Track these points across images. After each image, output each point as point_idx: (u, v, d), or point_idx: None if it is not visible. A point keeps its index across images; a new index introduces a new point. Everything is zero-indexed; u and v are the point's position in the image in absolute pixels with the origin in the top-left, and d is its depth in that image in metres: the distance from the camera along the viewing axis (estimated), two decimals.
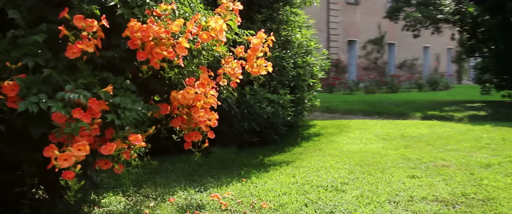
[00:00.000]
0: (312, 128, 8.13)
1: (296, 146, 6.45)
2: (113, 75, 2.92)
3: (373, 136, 7.10)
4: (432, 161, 5.25)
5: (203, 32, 3.06)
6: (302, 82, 7.16)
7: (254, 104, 6.01)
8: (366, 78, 20.88)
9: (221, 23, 3.12)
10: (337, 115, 11.48)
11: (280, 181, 4.37)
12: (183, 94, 2.86)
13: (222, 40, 3.19)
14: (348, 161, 5.25)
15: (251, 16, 6.26)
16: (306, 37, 7.41)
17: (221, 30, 3.12)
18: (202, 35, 3.05)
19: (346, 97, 14.92)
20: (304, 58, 7.40)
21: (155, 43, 2.78)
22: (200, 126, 3.02)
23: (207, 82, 3.03)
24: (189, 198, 3.79)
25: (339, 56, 21.70)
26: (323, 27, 20.90)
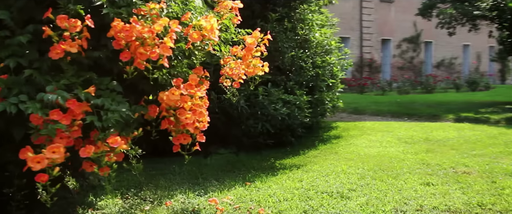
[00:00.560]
0: (333, 130, 7.90)
1: (312, 148, 6.25)
2: (101, 76, 2.87)
3: (395, 139, 6.80)
4: (453, 167, 4.94)
5: (194, 32, 2.96)
6: (321, 83, 6.95)
7: (268, 105, 5.86)
8: (400, 78, 20.26)
9: (212, 22, 3.01)
10: (365, 116, 11.14)
11: (285, 186, 4.22)
12: (167, 95, 2.77)
13: (214, 39, 3.08)
14: (361, 166, 5.03)
15: (265, 15, 6.12)
16: (326, 36, 7.18)
17: (212, 30, 3.01)
18: (193, 35, 2.96)
19: (377, 98, 14.49)
20: (323, 57, 7.18)
21: (140, 43, 2.70)
22: (188, 128, 2.91)
23: (195, 83, 2.92)
24: (187, 202, 3.70)
25: (372, 55, 21.17)
26: (355, 26, 20.46)
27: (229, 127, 5.90)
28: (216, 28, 3.08)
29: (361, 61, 20.83)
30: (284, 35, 6.16)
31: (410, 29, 22.14)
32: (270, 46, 6.05)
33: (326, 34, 7.22)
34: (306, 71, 6.84)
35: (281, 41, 6.08)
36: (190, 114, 2.90)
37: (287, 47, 6.18)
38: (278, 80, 6.40)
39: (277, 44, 6.05)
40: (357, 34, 20.56)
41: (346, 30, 20.04)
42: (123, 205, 3.63)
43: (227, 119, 5.85)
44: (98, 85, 2.80)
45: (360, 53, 20.78)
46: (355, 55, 20.68)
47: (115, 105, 2.74)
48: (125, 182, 4.26)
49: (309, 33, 6.85)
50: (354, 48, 20.65)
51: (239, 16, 3.76)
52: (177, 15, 3.02)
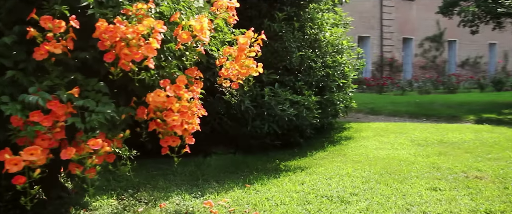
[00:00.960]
0: (345, 131, 7.73)
1: (321, 150, 6.12)
2: (90, 77, 2.83)
3: (408, 140, 6.59)
4: (464, 171, 4.74)
5: (183, 32, 2.90)
6: (331, 83, 6.80)
7: (274, 105, 5.75)
8: (422, 78, 19.80)
9: (202, 23, 2.93)
10: (381, 116, 10.89)
11: (285, 189, 4.11)
12: (153, 97, 2.71)
13: (204, 40, 3.02)
14: (368, 169, 4.87)
15: (272, 15, 6.01)
16: (337, 35, 7.02)
17: (202, 30, 2.94)
18: (182, 35, 2.89)
19: (395, 98, 14.16)
20: (334, 57, 7.03)
21: (125, 44, 2.65)
22: (175, 130, 2.84)
23: (183, 84, 2.85)
24: (182, 204, 3.65)
25: (393, 54, 20.77)
26: (376, 25, 20.11)
27: (235, 127, 5.82)
28: (206, 29, 3.00)
29: (382, 61, 20.46)
30: (292, 34, 6.04)
31: (433, 28, 21.62)
32: (277, 46, 6.00)
33: (338, 33, 7.05)
34: (316, 71, 6.70)
35: (288, 40, 5.96)
36: (178, 115, 2.83)
37: (294, 47, 6.05)
38: (286, 80, 6.29)
39: (284, 44, 5.94)
40: (377, 33, 20.19)
41: (366, 29, 19.73)
42: (117, 206, 3.60)
43: (233, 120, 5.78)
44: (84, 86, 2.77)
45: (381, 53, 20.41)
46: (375, 55, 20.36)
47: (101, 106, 2.70)
48: (124, 183, 4.23)
49: (319, 33, 6.71)
50: (374, 47, 20.32)
51: (235, 16, 3.67)
52: (166, 15, 2.96)
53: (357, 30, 19.56)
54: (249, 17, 6.06)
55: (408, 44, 21.48)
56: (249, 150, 6.02)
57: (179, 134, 2.91)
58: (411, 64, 21.59)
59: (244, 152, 5.95)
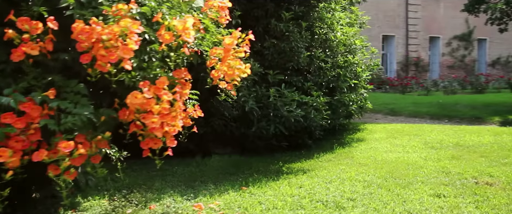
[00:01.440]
0: (359, 132, 7.53)
1: (329, 152, 5.96)
2: (71, 78, 2.81)
3: (421, 143, 6.35)
4: (475, 177, 4.50)
5: (165, 33, 2.83)
6: (342, 84, 6.62)
7: (280, 106, 5.63)
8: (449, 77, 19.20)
9: (185, 23, 2.86)
10: (401, 117, 10.60)
11: (281, 192, 4.00)
12: (130, 98, 2.66)
13: (188, 40, 2.93)
14: (373, 172, 4.70)
15: (279, 14, 5.89)
16: (349, 35, 6.83)
17: (185, 30, 2.87)
18: (164, 36, 2.83)
19: (418, 98, 13.75)
20: (346, 57, 6.85)
21: (103, 45, 2.61)
22: (155, 132, 2.78)
23: (163, 86, 2.79)
24: (172, 206, 3.60)
25: (419, 54, 20.24)
26: (401, 24, 19.65)
27: (240, 128, 5.74)
28: (190, 29, 2.93)
29: (407, 60, 19.97)
30: (299, 34, 5.91)
31: (462, 26, 20.94)
32: (284, 46, 5.88)
33: (350, 32, 6.85)
34: (326, 72, 6.55)
35: (295, 40, 5.83)
36: (157, 118, 2.76)
37: (302, 47, 5.91)
38: (294, 81, 6.16)
39: (291, 44, 5.81)
40: (403, 32, 19.72)
41: (391, 28, 19.32)
42: (107, 207, 3.58)
43: (237, 121, 5.70)
44: (63, 88, 2.75)
45: (406, 52, 19.93)
46: (400, 54, 19.90)
47: (79, 108, 2.67)
48: (119, 183, 4.22)
49: (329, 32, 6.54)
50: (400, 47, 19.86)
51: (227, 16, 3.59)
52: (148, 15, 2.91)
53: (381, 29, 19.22)
54: (256, 17, 5.97)
55: (435, 43, 20.90)
56: (255, 151, 5.93)
57: (159, 136, 2.84)
58: (438, 64, 20.99)
59: (250, 153, 5.87)
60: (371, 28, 19.03)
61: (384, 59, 20.05)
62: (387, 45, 19.99)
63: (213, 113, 5.66)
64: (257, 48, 5.97)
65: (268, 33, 5.97)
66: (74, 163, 2.65)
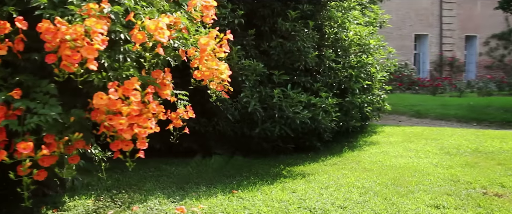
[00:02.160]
0: (374, 135, 7.26)
1: (336, 155, 5.76)
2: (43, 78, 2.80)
3: (437, 148, 6.03)
4: (485, 187, 4.21)
5: (138, 32, 2.77)
6: (354, 84, 6.38)
7: (285, 107, 5.46)
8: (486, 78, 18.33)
9: (157, 22, 2.79)
10: (426, 120, 10.19)
11: (271, 197, 3.86)
12: (95, 99, 2.61)
13: (161, 40, 2.85)
14: (375, 178, 4.48)
15: (286, 13, 5.71)
16: (362, 34, 6.57)
17: (157, 30, 2.79)
18: (137, 36, 2.76)
19: (448, 100, 13.18)
20: (359, 57, 6.60)
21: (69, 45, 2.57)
22: (122, 134, 2.72)
23: (131, 87, 2.72)
24: (155, 208, 3.54)
25: (454, 53, 19.45)
26: (435, 22, 18.94)
27: (243, 129, 5.63)
28: (164, 28, 2.85)
29: (441, 60, 19.23)
30: (306, 33, 5.71)
31: (501, 25, 19.89)
32: (289, 46, 5.71)
33: (363, 32, 6.59)
34: (337, 72, 6.33)
35: (301, 40, 5.64)
36: (125, 119, 2.70)
37: (309, 46, 5.72)
38: (302, 81, 5.98)
39: (297, 43, 5.63)
40: (437, 31, 19.01)
41: (423, 27, 18.68)
42: (90, 207, 3.57)
43: (241, 122, 5.58)
44: (33, 88, 2.74)
45: (440, 51, 19.20)
46: (434, 54, 19.20)
47: (47, 108, 2.65)
48: (111, 183, 4.22)
49: (341, 32, 6.31)
50: (433, 46, 19.16)
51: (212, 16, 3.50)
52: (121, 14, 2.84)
53: (413, 28, 18.61)
54: (262, 16, 5.83)
55: (472, 43, 20.02)
56: (260, 153, 5.80)
57: (128, 138, 2.77)
58: (475, 64, 20.10)
59: (255, 154, 5.75)
60: (403, 27, 18.53)
61: (416, 59, 19.41)
62: (419, 44, 19.33)
63: (215, 113, 5.57)
64: (264, 48, 5.83)
65: (275, 33, 5.82)
66: (42, 164, 2.63)
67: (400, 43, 18.58)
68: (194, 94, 5.28)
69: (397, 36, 18.50)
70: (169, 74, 3.30)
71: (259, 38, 5.87)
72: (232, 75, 5.44)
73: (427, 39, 19.02)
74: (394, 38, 18.48)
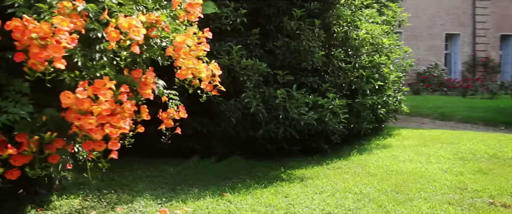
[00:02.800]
0: (389, 138, 6.99)
1: (343, 158, 5.55)
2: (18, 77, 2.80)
3: (451, 153, 5.72)
4: (493, 196, 3.93)
5: (112, 31, 2.72)
6: (365, 85, 6.14)
7: (289, 108, 5.30)
8: None
9: (131, 21, 2.73)
10: (450, 123, 9.77)
11: (261, 202, 3.74)
12: (62, 98, 2.57)
13: (136, 39, 2.79)
14: (376, 184, 4.28)
15: (292, 12, 5.55)
16: (374, 33, 6.32)
17: (131, 28, 2.73)
18: (111, 34, 2.72)
19: (477, 102, 12.61)
20: (371, 57, 6.36)
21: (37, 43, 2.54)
22: (92, 134, 2.67)
23: (101, 86, 2.66)
24: (138, 209, 3.49)
25: (488, 53, 18.63)
26: (467, 21, 18.21)
27: (247, 130, 5.52)
28: (137, 27, 2.79)
29: (474, 61, 18.46)
30: (311, 32, 5.54)
31: None
32: (294, 45, 5.55)
33: (375, 30, 6.35)
34: (348, 73, 6.11)
35: (306, 39, 5.47)
36: (94, 119, 2.65)
37: (315, 45, 5.54)
38: (309, 81, 5.81)
39: (302, 42, 5.46)
40: (469, 30, 18.27)
41: (454, 26, 18.02)
42: (74, 207, 3.55)
43: (243, 123, 5.48)
44: (6, 86, 2.74)
45: (473, 52, 18.44)
46: (466, 54, 18.47)
47: (18, 107, 2.65)
48: (106, 182, 4.21)
49: (351, 31, 6.10)
50: (465, 46, 18.43)
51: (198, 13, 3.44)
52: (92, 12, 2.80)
53: (444, 28, 17.97)
54: (268, 15, 5.70)
55: (508, 42, 19.13)
56: (264, 155, 5.68)
57: (98, 138, 2.72)
58: (511, 65, 19.19)
59: (258, 156, 5.63)
60: (433, 26, 17.91)
61: (447, 60, 18.73)
62: (451, 44, 18.64)
63: (217, 113, 5.50)
64: (269, 47, 5.70)
65: (281, 32, 5.67)
66: (14, 163, 2.63)
67: (430, 43, 17.99)
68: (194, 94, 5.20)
69: (426, 36, 17.93)
70: (152, 74, 3.24)
71: (265, 37, 5.75)
72: (234, 75, 5.42)
73: (459, 38, 18.32)
74: (423, 38, 17.92)
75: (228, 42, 5.32)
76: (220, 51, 5.20)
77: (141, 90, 3.24)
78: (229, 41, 5.34)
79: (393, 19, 7.91)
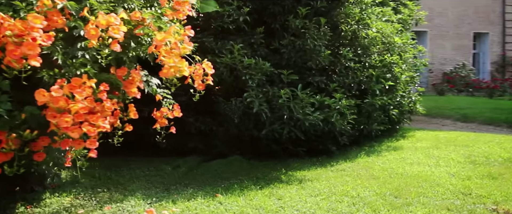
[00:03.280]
0: (402, 140, 6.77)
1: (349, 160, 5.40)
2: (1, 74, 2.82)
3: (464, 156, 5.48)
4: (496, 203, 3.73)
5: (91, 28, 2.72)
6: (375, 85, 5.97)
7: (293, 108, 5.19)
8: None
9: (109, 18, 2.71)
10: (472, 125, 9.41)
11: (251, 204, 3.66)
12: (36, 96, 2.57)
13: (115, 36, 2.78)
14: (376, 188, 4.13)
15: (297, 11, 5.44)
16: (386, 32, 6.14)
17: (108, 25, 2.72)
18: (90, 32, 2.71)
19: (503, 103, 12.09)
20: (382, 57, 6.17)
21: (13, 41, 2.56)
22: (67, 132, 2.66)
23: (78, 84, 2.65)
24: (126, 209, 3.48)
25: None
26: (496, 20, 17.56)
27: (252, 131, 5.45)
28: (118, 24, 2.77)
29: (504, 60, 17.76)
30: (317, 31, 5.41)
31: None
32: (299, 44, 5.44)
33: (387, 29, 6.16)
34: (357, 72, 5.96)
35: (311, 38, 5.35)
36: (70, 117, 2.64)
37: (320, 44, 5.41)
38: (316, 81, 5.69)
39: (307, 41, 5.35)
40: (499, 29, 17.59)
41: (483, 25, 17.41)
42: (64, 205, 3.57)
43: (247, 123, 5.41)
44: None
45: (503, 51, 17.75)
46: (495, 53, 17.81)
47: None
48: (102, 181, 4.23)
49: (360, 29, 5.94)
50: (495, 46, 17.78)
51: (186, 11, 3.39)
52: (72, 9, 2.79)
53: (472, 27, 17.40)
54: (273, 14, 5.61)
55: None
56: (269, 155, 5.60)
57: (75, 137, 2.71)
58: None
59: (263, 157, 5.56)
60: (460, 25, 17.35)
61: (475, 59, 18.10)
62: (479, 43, 18.00)
63: (220, 113, 5.45)
64: (275, 46, 5.61)
65: (286, 31, 5.58)
66: None
67: (457, 42, 17.44)
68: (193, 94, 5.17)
69: (453, 35, 17.39)
70: (138, 72, 3.23)
71: (271, 36, 5.66)
72: (236, 74, 5.35)
73: (487, 38, 17.68)
74: (450, 37, 17.39)
75: (231, 41, 5.26)
76: (222, 50, 5.15)
77: (126, 89, 3.23)
78: (233, 40, 5.28)
79: (409, 18, 7.68)
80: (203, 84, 3.48)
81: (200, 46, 5.17)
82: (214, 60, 5.11)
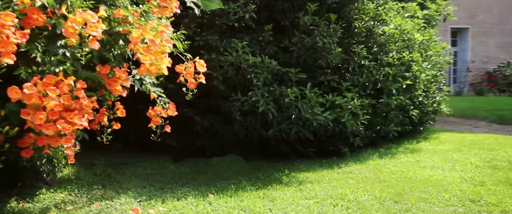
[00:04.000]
0: (423, 142, 6.45)
1: (359, 162, 5.19)
2: None
3: (484, 160, 5.14)
4: (505, 212, 3.46)
5: (69, 26, 2.73)
6: (392, 84, 5.71)
7: (302, 108, 5.04)
8: None
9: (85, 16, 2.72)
10: (509, 127, 8.82)
11: (241, 205, 3.57)
12: (9, 93, 2.61)
13: (93, 34, 2.78)
14: (377, 192, 3.93)
15: (307, 7, 5.28)
16: (405, 28, 5.85)
17: (84, 22, 2.72)
18: (68, 29, 2.73)
19: None
20: (400, 54, 5.90)
21: None
22: (42, 129, 2.68)
23: (51, 81, 2.67)
24: (114, 207, 3.48)
25: None
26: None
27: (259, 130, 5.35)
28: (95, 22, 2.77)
29: None
30: (327, 28, 5.23)
31: None
32: (307, 42, 5.28)
33: (406, 25, 5.87)
34: (372, 71, 5.72)
35: (320, 35, 5.17)
36: (43, 114, 2.66)
37: (330, 42, 5.22)
38: (327, 80, 5.52)
39: (315, 38, 5.18)
40: None
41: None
42: (56, 201, 3.63)
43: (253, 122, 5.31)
44: None
45: None
46: None
47: None
48: (101, 178, 4.27)
49: (375, 26, 5.70)
50: None
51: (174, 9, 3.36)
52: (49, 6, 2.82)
53: None
54: (282, 10, 5.48)
55: None
56: (278, 156, 5.48)
57: (50, 134, 2.73)
58: None
59: (271, 157, 5.45)
60: (506, 21, 16.41)
61: None
62: None
63: (226, 112, 5.39)
64: (285, 44, 5.49)
65: (296, 28, 5.44)
66: None
67: (501, 40, 16.55)
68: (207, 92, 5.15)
69: (497, 32, 16.51)
70: (123, 70, 3.22)
71: (281, 33, 5.54)
72: (242, 73, 5.26)
73: None
74: (494, 35, 16.53)
75: (239, 38, 5.18)
76: (227, 48, 5.09)
77: (110, 87, 3.23)
78: (240, 38, 5.21)
79: (436, 13, 7.31)
80: (195, 83, 3.42)
81: (205, 44, 5.14)
82: (219, 59, 5.06)
